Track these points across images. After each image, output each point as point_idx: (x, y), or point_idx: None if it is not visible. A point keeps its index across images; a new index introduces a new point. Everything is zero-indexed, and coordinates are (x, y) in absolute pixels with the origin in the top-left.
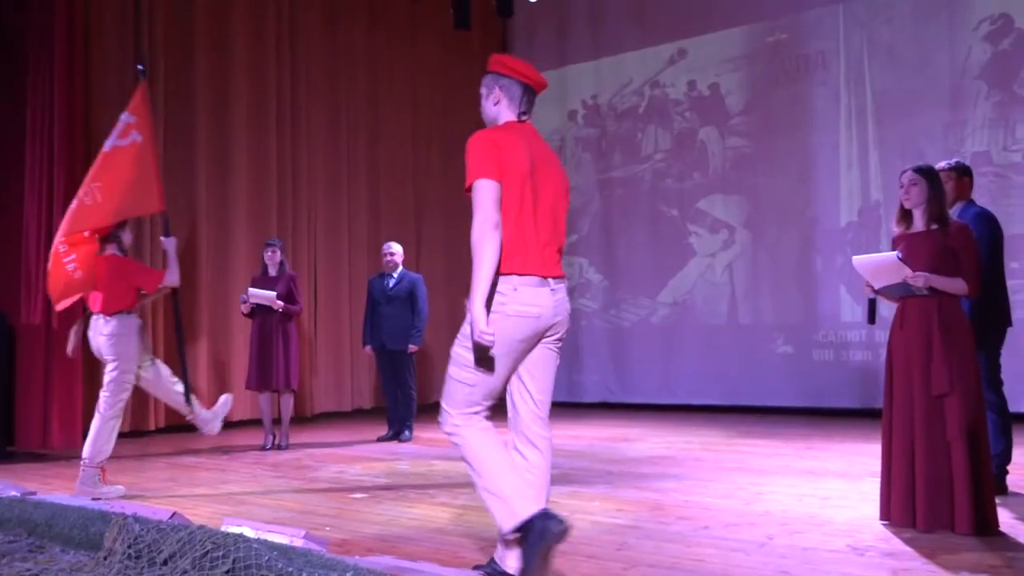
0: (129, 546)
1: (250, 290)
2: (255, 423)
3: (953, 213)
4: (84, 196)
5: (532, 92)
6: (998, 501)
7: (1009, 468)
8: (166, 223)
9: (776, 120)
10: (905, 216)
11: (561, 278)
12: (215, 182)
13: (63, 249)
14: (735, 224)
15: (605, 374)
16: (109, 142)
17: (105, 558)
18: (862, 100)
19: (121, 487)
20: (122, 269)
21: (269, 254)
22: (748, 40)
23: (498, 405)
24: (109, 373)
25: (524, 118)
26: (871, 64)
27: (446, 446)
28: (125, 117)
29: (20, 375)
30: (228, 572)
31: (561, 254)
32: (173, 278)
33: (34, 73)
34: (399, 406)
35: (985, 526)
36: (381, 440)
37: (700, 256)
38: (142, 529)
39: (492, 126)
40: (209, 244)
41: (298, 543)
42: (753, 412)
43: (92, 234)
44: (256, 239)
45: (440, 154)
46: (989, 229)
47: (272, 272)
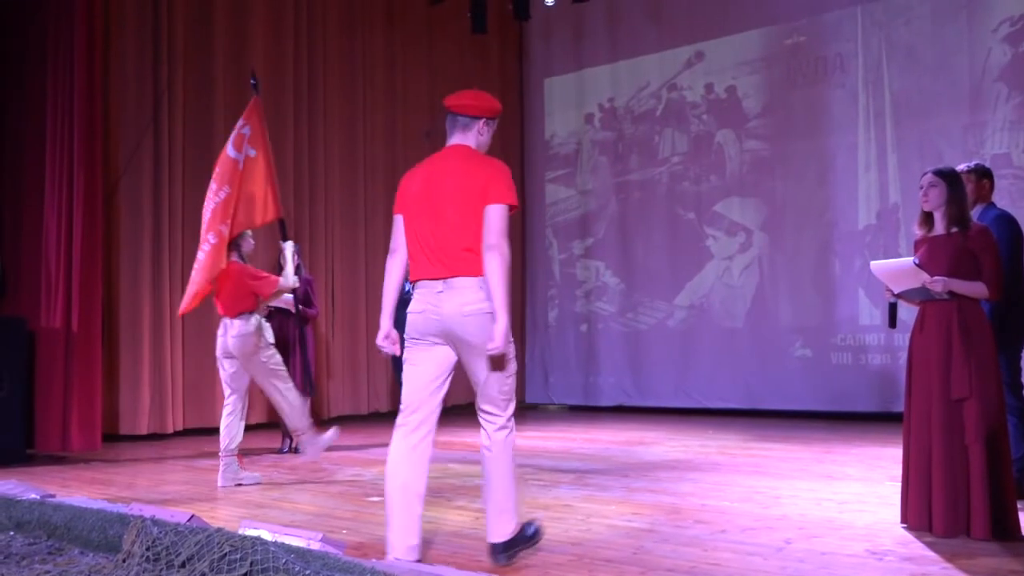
0: (147, 548)
1: None
2: (272, 426)
3: (973, 216)
4: (214, 197)
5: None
6: (1019, 506)
7: None
8: (283, 228)
9: (794, 123)
10: (927, 219)
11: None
12: None
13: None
14: (752, 227)
15: (622, 377)
16: (229, 148)
17: (124, 560)
18: (880, 102)
19: (259, 474)
20: (243, 275)
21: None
22: (766, 42)
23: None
24: (259, 369)
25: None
26: (889, 66)
27: (463, 449)
28: (242, 128)
29: (40, 378)
30: (245, 575)
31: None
32: (289, 282)
33: (53, 77)
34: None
35: (1005, 531)
36: None
37: (717, 259)
38: (160, 532)
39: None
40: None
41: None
42: (771, 416)
43: (220, 240)
44: (273, 243)
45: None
46: (1009, 231)
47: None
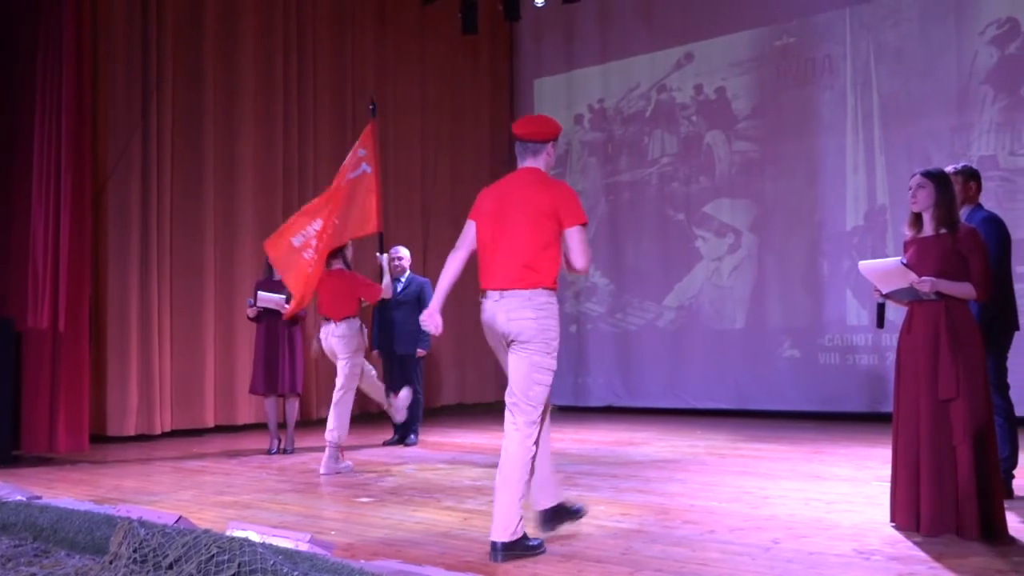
0: (134, 550)
1: (259, 294)
2: (260, 427)
3: (961, 217)
4: (328, 224)
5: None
6: (1005, 505)
7: (1015, 473)
8: (381, 241)
9: (783, 124)
10: (916, 220)
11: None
12: (222, 185)
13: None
14: (742, 228)
15: (611, 378)
16: (348, 175)
17: (111, 562)
18: (869, 104)
19: (351, 463)
20: (349, 282)
21: None
22: (755, 44)
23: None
24: (343, 368)
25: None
26: (878, 68)
27: (452, 450)
28: (357, 150)
29: (26, 379)
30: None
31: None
32: (388, 290)
33: (42, 76)
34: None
35: (992, 531)
36: (387, 444)
37: (707, 260)
38: (147, 533)
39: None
40: (216, 247)
41: (303, 547)
42: (759, 416)
43: (322, 253)
44: (262, 242)
45: (448, 158)
46: (997, 233)
47: (277, 276)
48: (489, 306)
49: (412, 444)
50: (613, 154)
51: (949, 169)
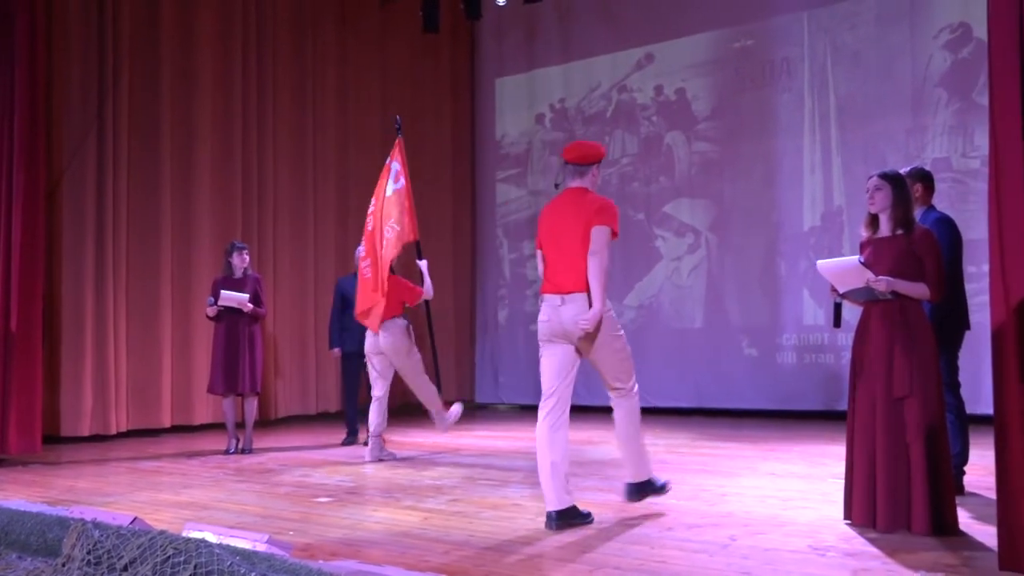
0: (88, 552)
1: (223, 292)
2: (218, 427)
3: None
4: (386, 231)
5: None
6: (956, 501)
7: (966, 469)
8: (419, 248)
9: (742, 125)
10: (872, 221)
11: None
12: (179, 185)
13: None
14: (701, 228)
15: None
16: (391, 187)
17: (63, 564)
18: (825, 106)
19: (396, 452)
20: (397, 287)
21: (241, 257)
22: (715, 46)
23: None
24: (405, 365)
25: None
26: (835, 70)
27: (412, 449)
28: (395, 166)
29: None
30: None
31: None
32: (429, 293)
33: None
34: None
35: (944, 526)
36: (346, 444)
37: (666, 260)
38: (101, 535)
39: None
40: (173, 246)
41: (261, 548)
42: (718, 414)
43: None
44: (220, 242)
45: (409, 156)
46: (949, 234)
47: (238, 275)
48: (550, 308)
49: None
50: None
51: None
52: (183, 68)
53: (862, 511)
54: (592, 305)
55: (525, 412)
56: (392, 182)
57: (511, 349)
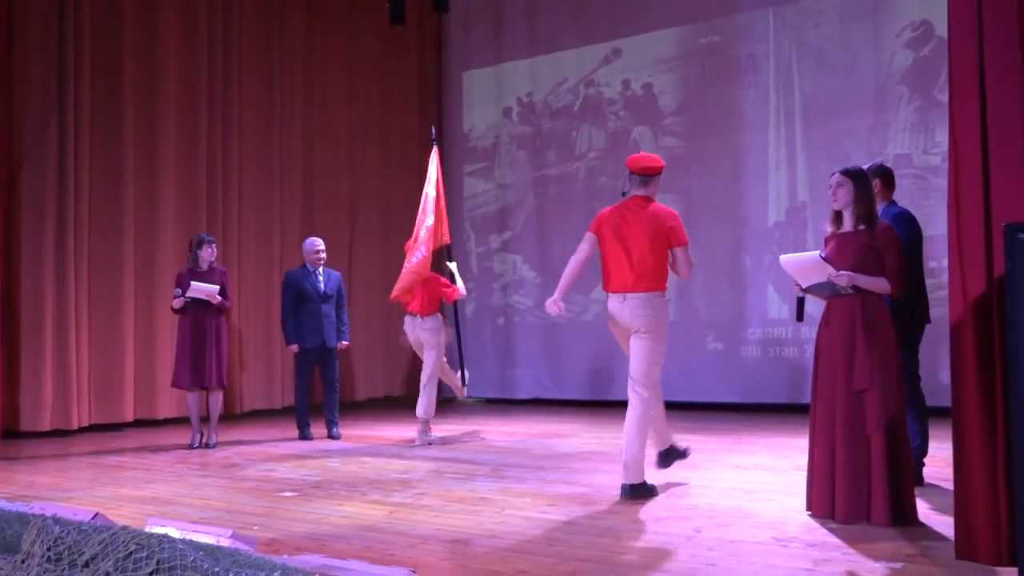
0: (48, 548)
1: (193, 284)
2: (182, 421)
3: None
4: (426, 223)
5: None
6: (916, 493)
7: (926, 460)
8: (450, 250)
9: (708, 121)
10: (837, 217)
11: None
12: (142, 177)
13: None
14: None
15: (539, 370)
16: (429, 187)
17: (23, 561)
18: (791, 102)
19: (437, 436)
20: (435, 284)
21: (209, 250)
22: (682, 41)
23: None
24: (429, 356)
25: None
26: (800, 67)
27: (376, 443)
28: (432, 174)
29: None
30: (152, 573)
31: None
32: (462, 292)
33: None
34: (330, 405)
35: (903, 517)
36: (302, 439)
37: None
38: (62, 531)
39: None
40: (136, 239)
41: (225, 543)
42: (684, 408)
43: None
44: (184, 235)
45: (377, 150)
46: (909, 229)
47: (204, 267)
48: (615, 304)
49: (336, 438)
50: (541, 148)
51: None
52: (147, 59)
53: (822, 502)
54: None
55: (491, 406)
56: (431, 185)
57: (478, 343)
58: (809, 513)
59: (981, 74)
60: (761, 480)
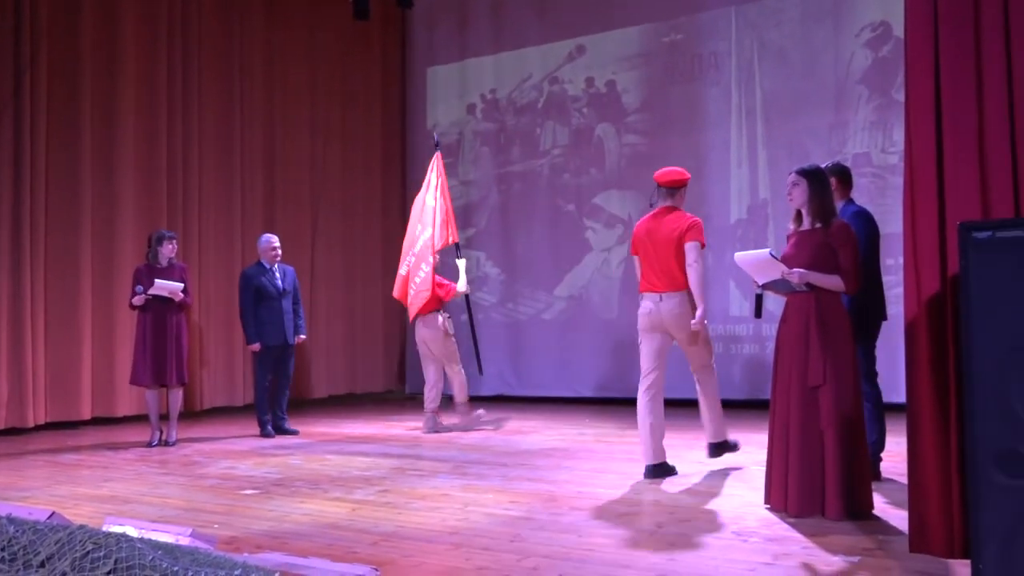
0: (3, 549)
1: (157, 281)
2: (141, 419)
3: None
4: (423, 240)
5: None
6: (873, 487)
7: (883, 455)
8: (458, 249)
9: (671, 118)
10: (799, 215)
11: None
12: (101, 173)
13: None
14: (630, 219)
15: (502, 367)
16: (425, 195)
17: None
18: (752, 100)
19: (482, 411)
20: (435, 284)
21: (170, 246)
22: (645, 39)
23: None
24: (443, 349)
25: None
26: (761, 66)
27: (341, 440)
28: (432, 179)
29: None
30: (110, 573)
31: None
32: (464, 288)
33: None
34: (281, 399)
35: (860, 511)
36: (263, 436)
37: (596, 251)
38: (17, 530)
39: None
40: (94, 236)
41: (184, 541)
42: None
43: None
44: (143, 230)
45: (339, 146)
46: (866, 227)
47: (164, 263)
48: (650, 304)
49: (294, 432)
50: (505, 144)
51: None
52: (105, 53)
53: (777, 496)
54: (697, 307)
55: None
56: (430, 192)
57: None
58: (768, 506)
59: (936, 74)
60: (722, 475)
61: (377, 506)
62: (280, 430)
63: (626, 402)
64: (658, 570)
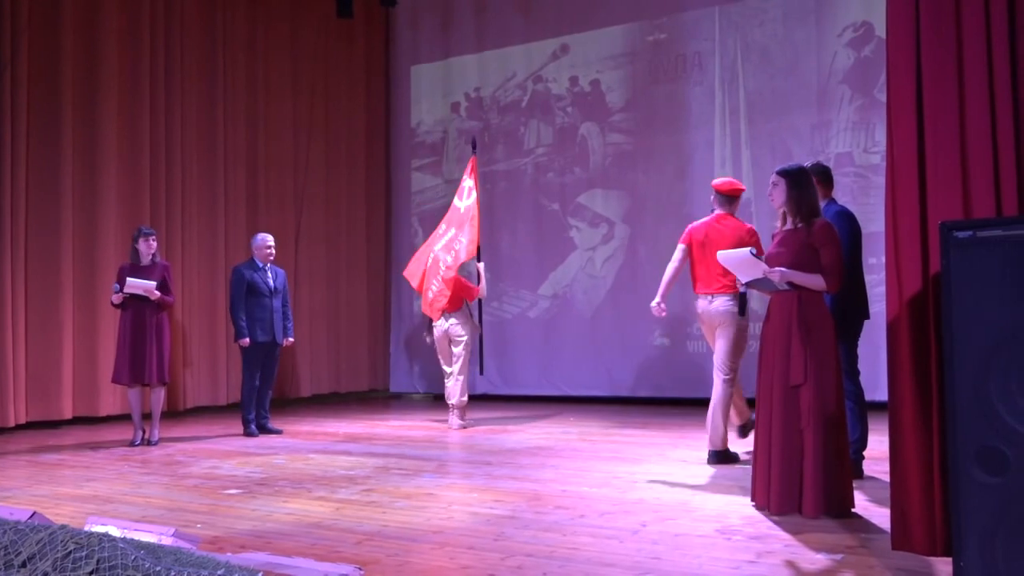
0: None
1: (128, 279)
2: (123, 418)
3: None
4: (453, 243)
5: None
6: (855, 485)
7: (865, 453)
8: (479, 251)
9: (655, 117)
10: (784, 214)
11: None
12: (83, 170)
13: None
14: (614, 219)
15: (487, 365)
16: (460, 202)
17: None
18: (735, 100)
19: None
20: (460, 285)
21: (148, 243)
22: (629, 38)
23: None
24: (461, 348)
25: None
26: (744, 65)
27: (323, 439)
28: (467, 183)
29: None
30: (92, 573)
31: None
32: (484, 291)
33: None
34: (264, 398)
35: (840, 509)
36: (247, 435)
37: (580, 250)
38: None
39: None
40: (76, 234)
41: (167, 541)
42: (631, 403)
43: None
44: (126, 228)
45: (321, 143)
46: (848, 226)
47: (145, 262)
48: (704, 304)
49: (277, 432)
50: (489, 143)
51: None
52: (86, 47)
53: (762, 495)
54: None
55: (439, 401)
56: (465, 198)
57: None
58: (753, 504)
59: (918, 75)
60: (705, 474)
61: (361, 505)
62: (263, 429)
63: (611, 401)
64: (642, 568)
